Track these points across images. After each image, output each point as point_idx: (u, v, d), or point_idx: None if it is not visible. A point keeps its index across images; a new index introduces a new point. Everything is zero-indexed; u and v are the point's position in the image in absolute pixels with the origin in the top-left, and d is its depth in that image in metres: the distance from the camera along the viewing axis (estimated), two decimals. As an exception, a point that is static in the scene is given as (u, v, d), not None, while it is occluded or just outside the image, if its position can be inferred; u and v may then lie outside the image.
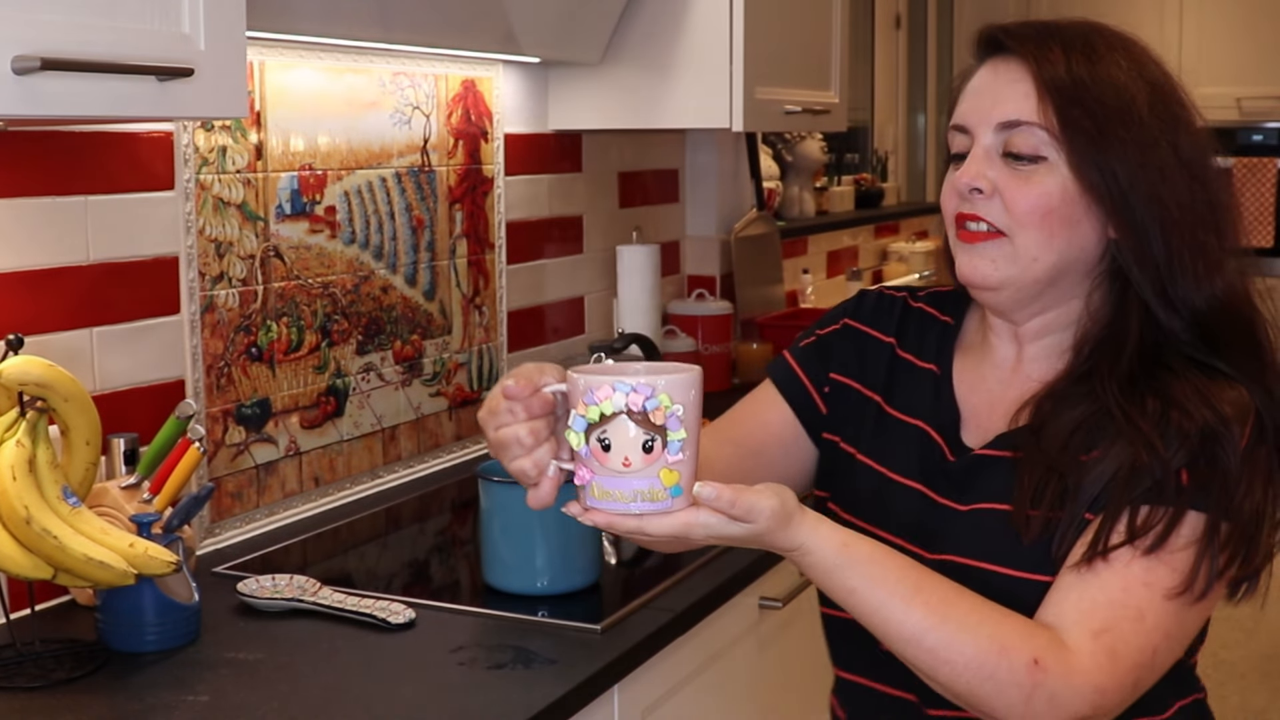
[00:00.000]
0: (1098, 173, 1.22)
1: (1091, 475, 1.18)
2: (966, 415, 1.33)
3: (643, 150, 3.21)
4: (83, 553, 1.50)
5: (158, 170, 1.92)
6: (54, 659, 1.59)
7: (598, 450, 1.02)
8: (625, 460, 1.02)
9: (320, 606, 1.74)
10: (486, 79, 2.60)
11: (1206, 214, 1.24)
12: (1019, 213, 1.23)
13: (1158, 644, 1.15)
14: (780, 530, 1.10)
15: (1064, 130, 1.22)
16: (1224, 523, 1.16)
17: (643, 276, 2.98)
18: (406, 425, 2.45)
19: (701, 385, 1.06)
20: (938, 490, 1.30)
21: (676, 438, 1.02)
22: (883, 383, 1.37)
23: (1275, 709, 3.95)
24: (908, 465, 1.32)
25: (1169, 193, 1.22)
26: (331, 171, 2.24)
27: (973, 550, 1.24)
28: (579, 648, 1.64)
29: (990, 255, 1.25)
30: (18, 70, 1.27)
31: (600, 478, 1.03)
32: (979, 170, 1.25)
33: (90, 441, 1.60)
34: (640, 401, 1.01)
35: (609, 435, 1.02)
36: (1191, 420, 1.17)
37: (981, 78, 1.29)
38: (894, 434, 1.34)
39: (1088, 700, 1.12)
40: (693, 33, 2.67)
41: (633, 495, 1.03)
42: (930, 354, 1.37)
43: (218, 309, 2.03)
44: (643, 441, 1.02)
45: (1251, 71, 5.70)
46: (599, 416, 1.02)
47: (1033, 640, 1.13)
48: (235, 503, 2.08)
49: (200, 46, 1.47)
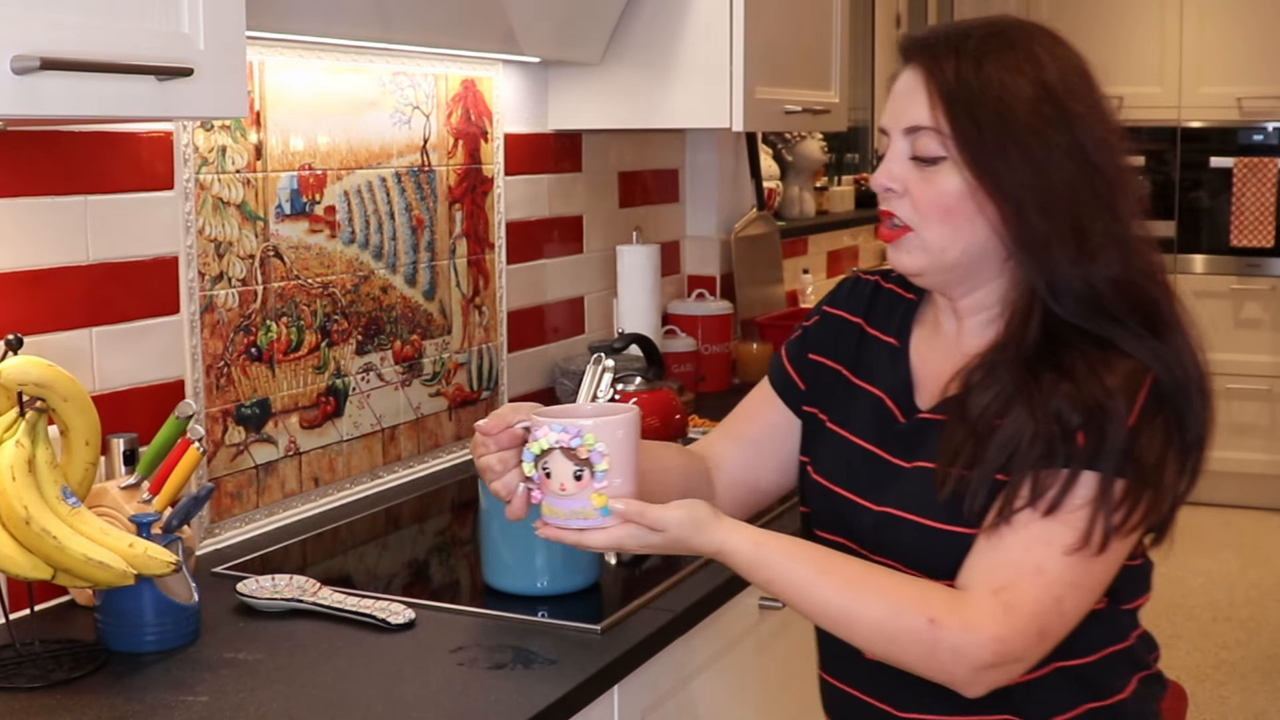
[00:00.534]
0: (983, 171, 1.34)
1: (998, 440, 1.31)
2: (919, 382, 1.47)
3: (643, 150, 3.21)
4: (82, 553, 1.50)
5: (157, 170, 1.91)
6: (53, 659, 1.59)
7: (543, 477, 1.30)
8: (562, 485, 1.29)
9: (320, 607, 1.74)
10: (486, 79, 2.59)
11: (1093, 203, 1.34)
12: (923, 210, 1.37)
13: (1061, 594, 1.28)
14: (697, 536, 1.32)
15: (953, 134, 1.35)
16: (1117, 482, 1.28)
17: (643, 276, 2.98)
18: (406, 425, 2.45)
19: (635, 425, 1.31)
20: (889, 450, 1.44)
21: (601, 469, 1.28)
22: (851, 357, 1.53)
23: (1276, 709, 3.95)
24: (865, 428, 1.48)
25: (1049, 186, 1.33)
26: (331, 171, 2.24)
27: (904, 504, 1.40)
28: (579, 648, 1.64)
29: (905, 248, 1.40)
30: (17, 70, 1.27)
31: (547, 498, 1.30)
32: (890, 171, 1.39)
33: (90, 441, 1.60)
34: (568, 440, 1.27)
35: (549, 465, 1.29)
36: (1081, 391, 1.29)
37: (895, 84, 1.42)
38: (856, 401, 1.50)
39: (988, 649, 1.26)
40: (693, 33, 2.67)
41: (570, 514, 1.29)
42: (893, 329, 1.52)
43: (217, 309, 2.03)
44: (573, 471, 1.28)
45: (1252, 71, 5.70)
46: (540, 450, 1.29)
47: (929, 602, 1.29)
48: (235, 503, 2.08)
49: (200, 46, 1.47)
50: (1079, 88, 1.37)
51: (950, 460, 1.34)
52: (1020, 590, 1.27)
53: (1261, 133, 5.75)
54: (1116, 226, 1.35)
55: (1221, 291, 5.81)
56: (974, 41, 1.37)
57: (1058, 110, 1.34)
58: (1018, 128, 1.33)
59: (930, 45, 1.39)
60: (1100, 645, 1.40)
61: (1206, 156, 5.84)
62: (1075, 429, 1.29)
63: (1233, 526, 5.63)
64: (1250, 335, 5.78)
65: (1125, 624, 1.44)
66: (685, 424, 2.60)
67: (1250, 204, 5.72)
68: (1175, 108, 5.86)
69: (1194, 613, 4.69)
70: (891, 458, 1.44)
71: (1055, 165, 1.33)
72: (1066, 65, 1.38)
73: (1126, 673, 1.45)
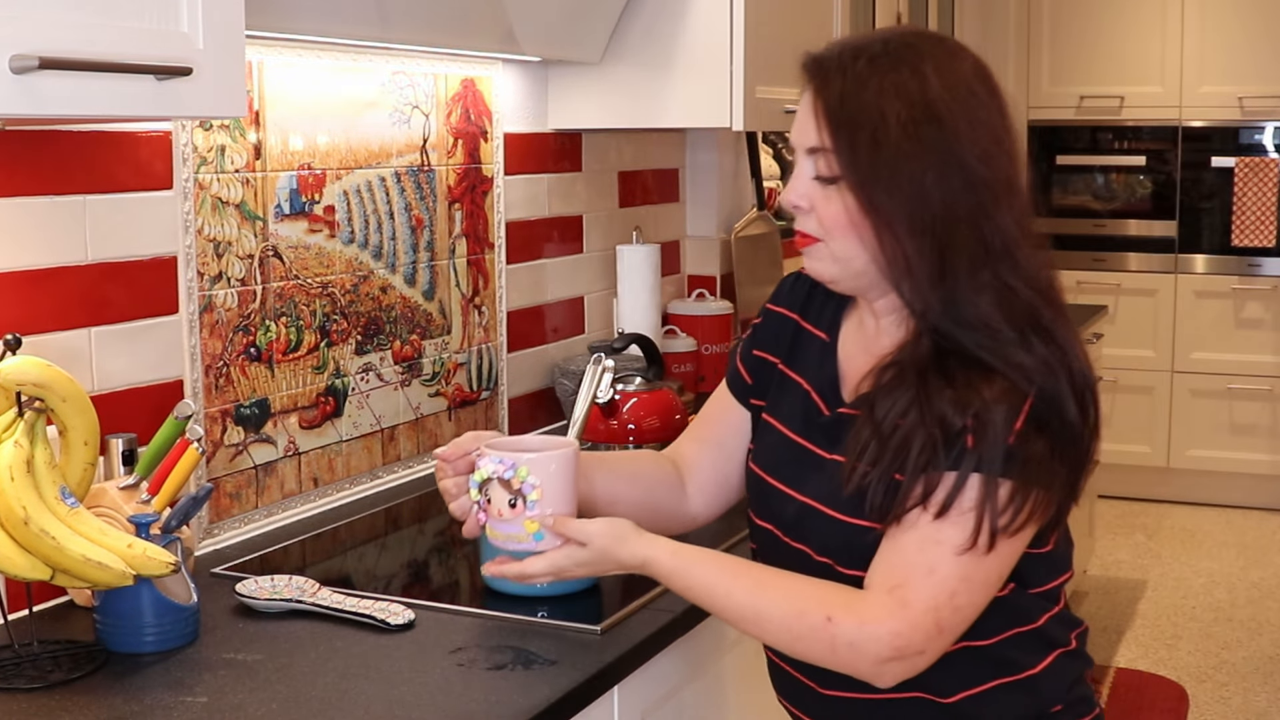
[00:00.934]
0: (862, 194, 1.39)
1: (895, 440, 1.37)
2: (845, 376, 1.53)
3: (643, 150, 3.20)
4: (81, 553, 1.50)
5: (156, 170, 1.91)
6: (52, 660, 1.58)
7: (485, 503, 1.43)
8: (499, 512, 1.42)
9: (319, 607, 1.73)
10: (486, 78, 2.59)
11: (970, 221, 1.38)
12: (827, 225, 1.43)
13: (954, 589, 1.35)
14: (620, 548, 1.42)
15: (837, 157, 1.40)
16: (1003, 485, 1.34)
17: (643, 276, 2.97)
18: (406, 425, 2.45)
19: (569, 460, 1.43)
20: (813, 441, 1.51)
21: (533, 499, 1.40)
22: (786, 350, 1.60)
23: (1277, 710, 3.94)
24: (793, 419, 1.55)
25: (920, 209, 1.37)
26: (330, 171, 2.24)
27: (819, 495, 1.47)
28: (579, 649, 1.64)
29: (816, 256, 1.47)
30: (16, 69, 1.27)
31: (489, 521, 1.43)
32: (795, 190, 1.45)
33: (88, 442, 1.60)
34: (503, 471, 1.41)
35: (490, 493, 1.42)
36: (966, 396, 1.35)
37: (800, 103, 1.46)
38: (788, 393, 1.57)
39: (885, 643, 1.34)
40: (693, 32, 2.67)
41: (507, 537, 1.42)
42: (824, 324, 1.58)
43: (216, 309, 2.02)
44: (508, 500, 1.41)
45: (1253, 71, 5.70)
46: (482, 479, 1.42)
47: (827, 601, 1.37)
48: (234, 503, 2.08)
49: (199, 45, 1.47)
50: (966, 102, 1.40)
51: (857, 456, 1.40)
52: (914, 587, 1.35)
53: (1262, 132, 5.74)
54: (997, 239, 1.38)
55: (1222, 291, 5.81)
56: (863, 62, 1.40)
57: (936, 129, 1.37)
58: (891, 153, 1.37)
59: (822, 65, 1.43)
60: (1005, 628, 1.46)
61: (1208, 156, 5.83)
62: (962, 433, 1.34)
63: (1234, 527, 5.62)
64: (1251, 335, 5.78)
65: (1033, 607, 1.49)
66: (685, 424, 2.58)
67: (1251, 204, 5.71)
68: (1176, 107, 5.85)
69: (1195, 613, 4.69)
70: (815, 448, 1.51)
71: (930, 187, 1.37)
72: (956, 80, 1.40)
73: (1038, 651, 1.50)
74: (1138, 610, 4.72)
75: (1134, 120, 5.94)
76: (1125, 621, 4.62)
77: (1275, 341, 5.75)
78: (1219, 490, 5.85)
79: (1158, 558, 5.23)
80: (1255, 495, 5.81)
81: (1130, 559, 5.21)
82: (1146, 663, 4.27)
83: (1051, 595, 1.52)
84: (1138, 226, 5.99)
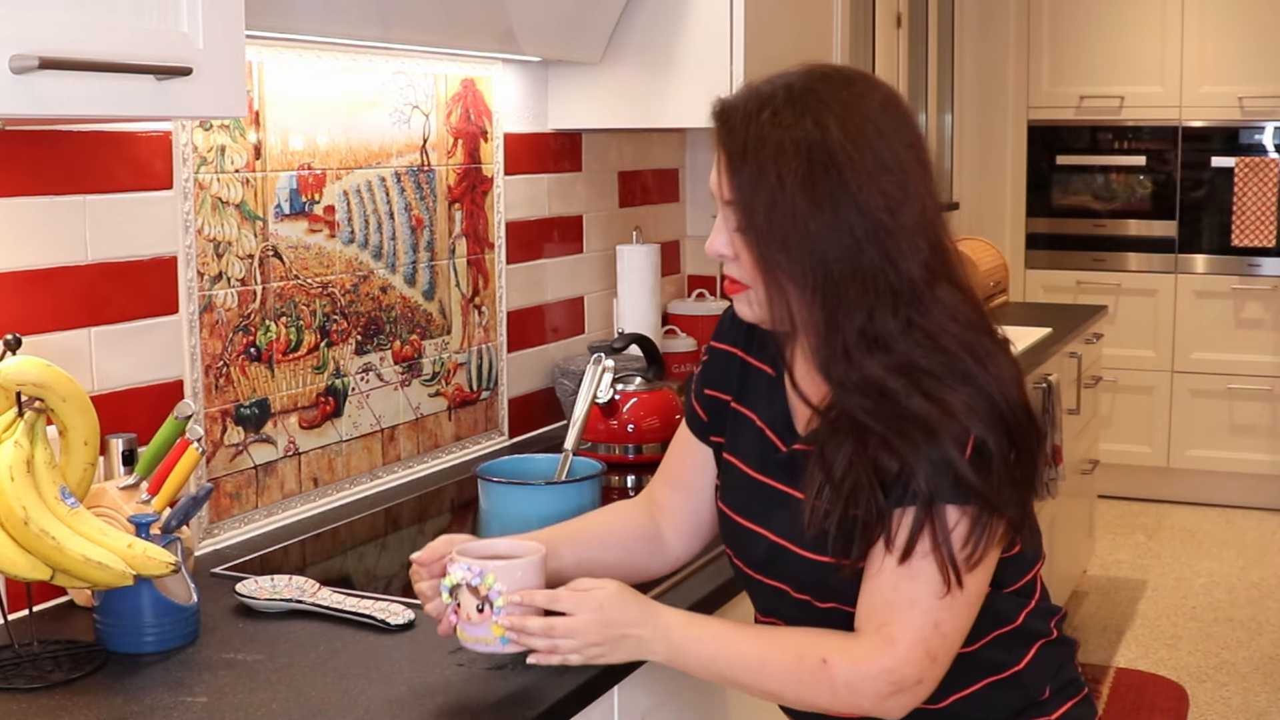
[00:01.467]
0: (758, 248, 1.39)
1: (845, 485, 1.39)
2: (797, 409, 1.52)
3: (643, 150, 3.20)
4: (81, 553, 1.50)
5: (156, 170, 1.91)
6: (52, 660, 1.58)
7: (454, 606, 1.47)
8: (468, 615, 1.46)
9: (319, 607, 1.73)
10: (486, 78, 2.59)
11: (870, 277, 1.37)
12: (750, 274, 1.43)
13: (937, 619, 1.38)
14: (633, 602, 1.44)
15: (737, 210, 1.40)
16: (959, 519, 1.36)
17: (643, 276, 2.97)
18: (406, 425, 2.45)
19: (536, 566, 1.47)
20: (773, 478, 1.52)
21: (500, 604, 1.44)
22: (735, 387, 1.60)
23: (1277, 710, 3.94)
24: (750, 457, 1.55)
25: (815, 266, 1.36)
26: (330, 171, 2.24)
27: (786, 533, 1.48)
28: (579, 649, 1.63)
29: (744, 301, 1.47)
30: (16, 69, 1.27)
31: (459, 624, 1.48)
32: (718, 240, 1.45)
33: (88, 442, 1.60)
34: (471, 579, 1.45)
35: (459, 597, 1.46)
36: (907, 440, 1.35)
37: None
38: (742, 428, 1.57)
39: (881, 679, 1.38)
40: (693, 32, 2.67)
41: (475, 639, 1.46)
42: (768, 358, 1.56)
43: (216, 309, 2.02)
44: (476, 605, 1.45)
45: (1253, 71, 5.70)
46: (451, 585, 1.46)
47: (822, 645, 1.41)
48: (234, 503, 2.08)
49: (199, 45, 1.47)
50: (871, 144, 1.37)
51: (814, 496, 1.41)
52: (899, 624, 1.38)
53: (1262, 132, 5.74)
54: (905, 286, 1.37)
55: (1223, 291, 5.81)
56: (766, 114, 1.39)
57: (836, 181, 1.36)
58: (786, 210, 1.36)
59: (728, 117, 1.42)
60: (987, 632, 1.48)
61: (1208, 156, 5.83)
62: (906, 475, 1.36)
63: (1234, 527, 5.62)
64: (1251, 335, 5.78)
65: (1011, 607, 1.52)
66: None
67: (1251, 204, 5.71)
68: (1176, 107, 5.85)
69: (1195, 613, 4.69)
70: (776, 484, 1.52)
71: (826, 244, 1.36)
72: (860, 122, 1.38)
73: (1021, 646, 1.53)
74: (1138, 610, 4.72)
75: (1134, 120, 5.94)
76: (1125, 621, 4.62)
77: (1275, 341, 5.75)
78: (1219, 490, 5.85)
79: (1158, 558, 5.23)
80: (1255, 495, 5.81)
81: (1130, 559, 5.21)
82: (1146, 663, 4.27)
83: (1026, 590, 1.54)
84: (1138, 226, 5.99)
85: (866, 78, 1.45)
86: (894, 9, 5.19)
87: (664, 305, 3.23)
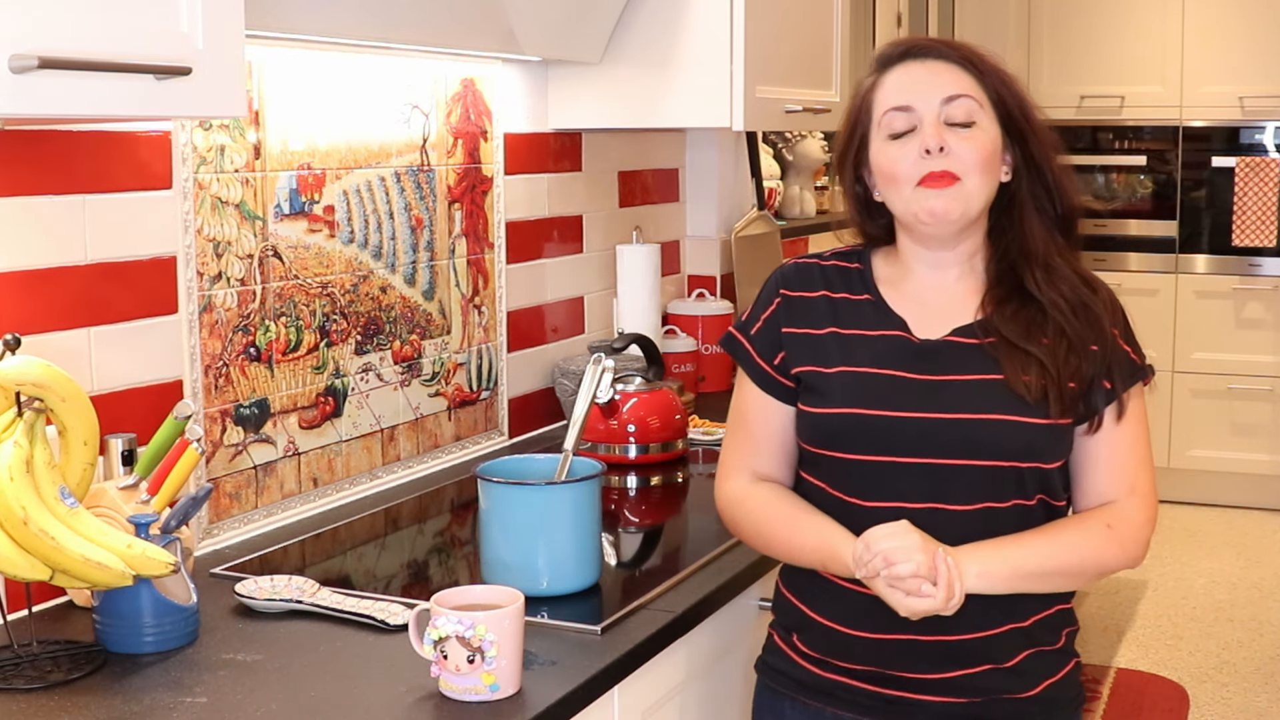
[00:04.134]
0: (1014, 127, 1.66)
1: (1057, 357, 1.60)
2: (911, 322, 1.67)
3: (643, 150, 3.20)
4: (80, 553, 1.50)
5: (156, 169, 1.91)
6: (51, 660, 1.58)
7: (440, 658, 1.48)
8: (457, 667, 1.47)
9: (319, 608, 1.73)
10: (486, 78, 2.59)
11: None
12: (968, 163, 1.61)
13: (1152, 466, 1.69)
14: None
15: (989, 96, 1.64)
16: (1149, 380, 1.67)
17: (643, 276, 2.97)
18: (405, 426, 2.44)
19: (521, 613, 1.50)
20: (908, 369, 1.63)
21: (490, 654, 1.46)
22: (832, 319, 1.70)
23: (1277, 709, 3.94)
24: (876, 358, 1.65)
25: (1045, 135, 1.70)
26: (330, 171, 2.24)
27: (973, 407, 1.60)
28: (579, 649, 1.64)
29: (950, 196, 1.62)
30: (15, 69, 1.27)
31: (444, 675, 1.48)
32: (938, 134, 1.62)
33: (88, 442, 1.59)
34: (463, 630, 1.46)
35: (447, 649, 1.47)
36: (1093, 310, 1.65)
37: (911, 71, 1.65)
38: (856, 345, 1.67)
39: (1149, 529, 1.66)
40: (693, 31, 2.66)
41: (464, 689, 1.47)
42: (859, 289, 1.71)
43: (216, 309, 2.02)
44: (467, 655, 1.46)
45: (1254, 70, 5.69)
46: (439, 636, 1.47)
47: (1097, 517, 1.64)
48: (233, 503, 2.08)
49: (198, 45, 1.47)
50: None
51: (1022, 370, 1.59)
52: (1143, 479, 1.66)
53: (1263, 132, 5.74)
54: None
55: (1223, 291, 5.81)
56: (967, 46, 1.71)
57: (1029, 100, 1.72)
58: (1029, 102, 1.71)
59: (939, 44, 1.69)
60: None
61: (1208, 156, 5.83)
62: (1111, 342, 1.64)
63: (1235, 527, 5.62)
64: (1252, 335, 5.78)
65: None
66: (685, 424, 2.59)
67: (1252, 204, 5.71)
68: (1177, 107, 5.85)
69: (1196, 613, 4.69)
70: (913, 374, 1.63)
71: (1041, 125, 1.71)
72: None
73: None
74: (1138, 610, 4.72)
75: (1134, 120, 5.94)
76: (1126, 622, 4.62)
77: (1275, 341, 5.75)
78: (1219, 490, 5.84)
79: (1158, 558, 5.23)
80: (1256, 496, 5.80)
81: (1131, 559, 5.20)
82: (1147, 663, 4.27)
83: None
84: (1138, 226, 5.99)
85: None
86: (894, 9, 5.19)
87: (664, 305, 3.23)
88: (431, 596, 1.53)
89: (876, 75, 1.68)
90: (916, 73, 1.65)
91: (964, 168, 1.61)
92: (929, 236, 1.67)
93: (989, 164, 1.63)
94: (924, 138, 1.61)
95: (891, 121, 1.64)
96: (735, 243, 3.46)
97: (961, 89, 1.63)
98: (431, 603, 1.51)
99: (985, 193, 1.64)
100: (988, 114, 1.64)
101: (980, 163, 1.62)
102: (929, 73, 1.65)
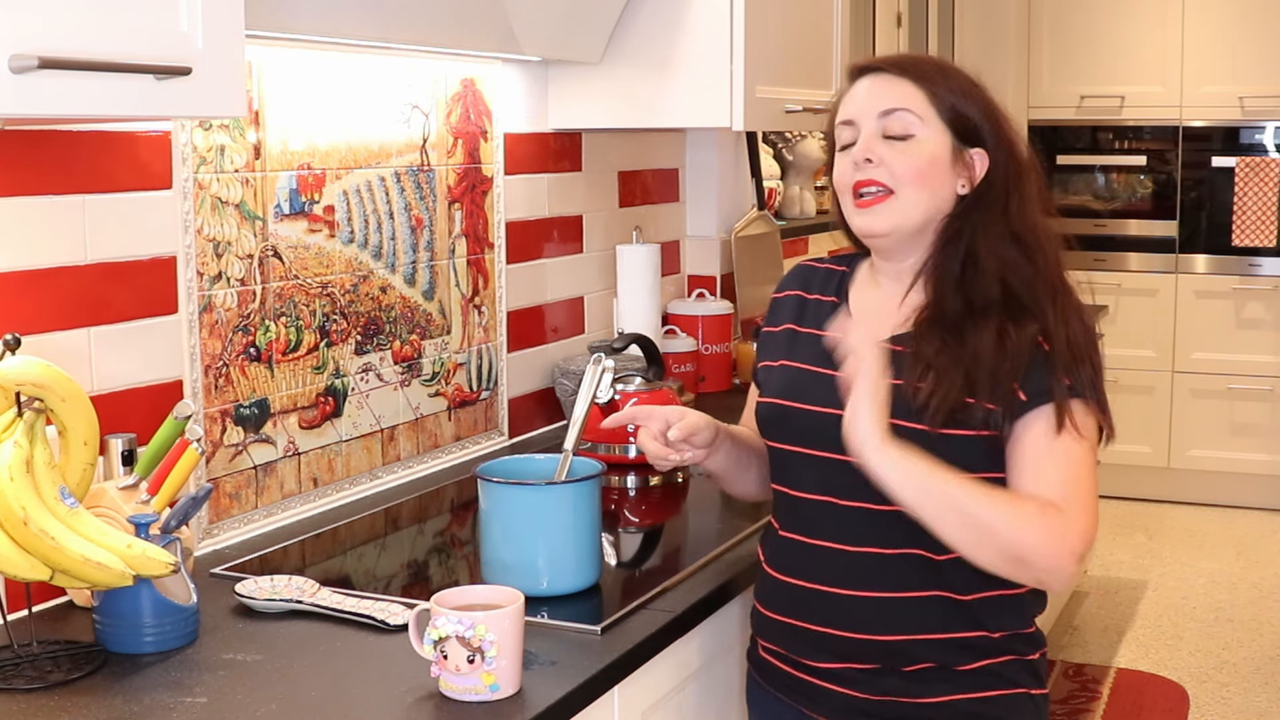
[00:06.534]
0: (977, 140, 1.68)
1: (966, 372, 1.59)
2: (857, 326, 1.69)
3: (643, 150, 3.20)
4: (80, 553, 1.50)
5: (156, 169, 1.91)
6: (51, 660, 1.58)
7: (440, 658, 1.48)
8: (457, 667, 1.47)
9: (319, 608, 1.73)
10: (486, 78, 2.59)
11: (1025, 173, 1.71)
12: (900, 175, 1.65)
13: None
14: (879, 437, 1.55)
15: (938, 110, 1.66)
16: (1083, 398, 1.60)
17: (643, 276, 2.97)
18: (405, 426, 2.44)
19: (521, 612, 1.50)
20: (831, 367, 1.65)
21: (491, 654, 1.46)
22: (792, 317, 1.80)
23: (1277, 710, 3.94)
24: (812, 356, 1.73)
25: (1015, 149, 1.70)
26: (330, 171, 2.24)
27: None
28: (579, 649, 1.64)
29: (876, 214, 1.67)
30: (15, 69, 1.27)
31: (444, 675, 1.48)
32: (868, 146, 1.66)
33: (88, 442, 1.59)
34: (463, 630, 1.46)
35: (447, 649, 1.47)
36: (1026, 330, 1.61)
37: (859, 86, 1.71)
38: (804, 343, 1.76)
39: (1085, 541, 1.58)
40: (693, 31, 2.66)
41: (464, 689, 1.47)
42: (830, 292, 1.80)
43: (216, 309, 2.02)
44: (467, 656, 1.46)
45: (1254, 70, 5.70)
46: (439, 637, 1.47)
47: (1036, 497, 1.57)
48: (233, 503, 2.08)
49: (198, 45, 1.47)
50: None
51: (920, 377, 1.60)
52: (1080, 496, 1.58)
53: (1263, 132, 5.74)
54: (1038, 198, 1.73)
55: (1223, 291, 5.81)
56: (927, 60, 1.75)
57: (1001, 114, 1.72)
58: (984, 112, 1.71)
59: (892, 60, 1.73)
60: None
61: (1208, 156, 5.83)
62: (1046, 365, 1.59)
63: (1235, 527, 5.62)
64: (1252, 335, 5.78)
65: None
66: (685, 424, 2.59)
67: (1252, 204, 5.71)
68: (1177, 107, 5.85)
69: (1196, 614, 4.69)
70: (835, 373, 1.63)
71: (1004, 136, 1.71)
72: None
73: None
74: (1138, 611, 4.72)
75: (1134, 120, 5.94)
76: (1126, 622, 4.61)
77: (1275, 341, 5.75)
78: (1219, 490, 5.84)
79: (1158, 558, 5.23)
80: (1255, 495, 5.81)
81: (1131, 559, 5.21)
82: (1147, 663, 4.27)
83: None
84: (1138, 226, 5.99)
85: None
86: (894, 9, 5.19)
87: (664, 305, 3.23)
88: (431, 596, 1.53)
89: (843, 90, 1.75)
90: (861, 87, 1.71)
91: (895, 180, 1.65)
92: (876, 249, 1.74)
93: (924, 176, 1.65)
94: (855, 149, 1.67)
95: (840, 134, 1.71)
96: (735, 243, 3.46)
97: (901, 103, 1.66)
98: (431, 603, 1.51)
99: (923, 205, 1.65)
100: (931, 127, 1.65)
101: (914, 175, 1.64)
102: (873, 86, 1.69)
